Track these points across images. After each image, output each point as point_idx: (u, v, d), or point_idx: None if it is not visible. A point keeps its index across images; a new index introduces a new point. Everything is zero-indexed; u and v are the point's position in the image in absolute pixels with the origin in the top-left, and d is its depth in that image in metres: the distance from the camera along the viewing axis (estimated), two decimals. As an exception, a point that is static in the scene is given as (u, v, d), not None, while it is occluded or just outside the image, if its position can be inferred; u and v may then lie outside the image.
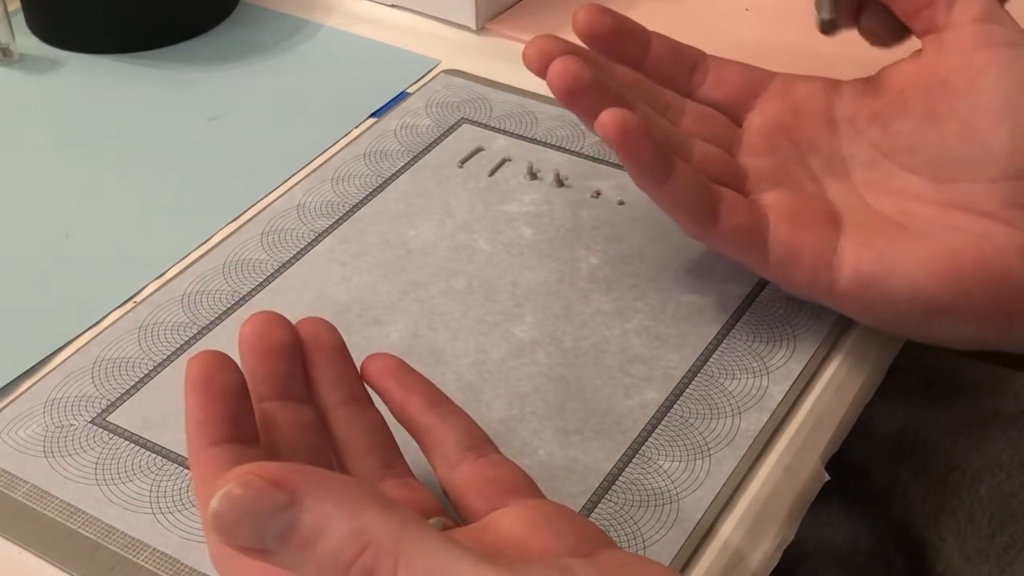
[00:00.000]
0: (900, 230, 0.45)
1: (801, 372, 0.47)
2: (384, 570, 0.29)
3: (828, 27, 0.49)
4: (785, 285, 0.47)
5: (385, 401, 0.41)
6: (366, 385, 0.41)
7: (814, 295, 0.47)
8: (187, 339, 0.49)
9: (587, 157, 0.58)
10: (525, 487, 0.38)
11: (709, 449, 0.44)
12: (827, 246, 0.45)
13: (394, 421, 0.41)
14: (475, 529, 0.36)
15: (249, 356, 0.40)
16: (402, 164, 0.58)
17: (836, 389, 0.47)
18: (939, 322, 0.44)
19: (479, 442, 0.40)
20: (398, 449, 0.41)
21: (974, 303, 0.43)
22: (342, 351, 0.41)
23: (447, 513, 0.39)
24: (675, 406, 0.46)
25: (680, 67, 0.50)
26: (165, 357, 0.48)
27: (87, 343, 0.49)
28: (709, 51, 0.52)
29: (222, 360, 0.38)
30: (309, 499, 0.29)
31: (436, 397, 0.40)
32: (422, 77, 0.65)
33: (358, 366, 0.42)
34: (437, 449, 0.39)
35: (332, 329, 0.42)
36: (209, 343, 0.49)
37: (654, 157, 0.44)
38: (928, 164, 0.46)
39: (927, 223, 0.45)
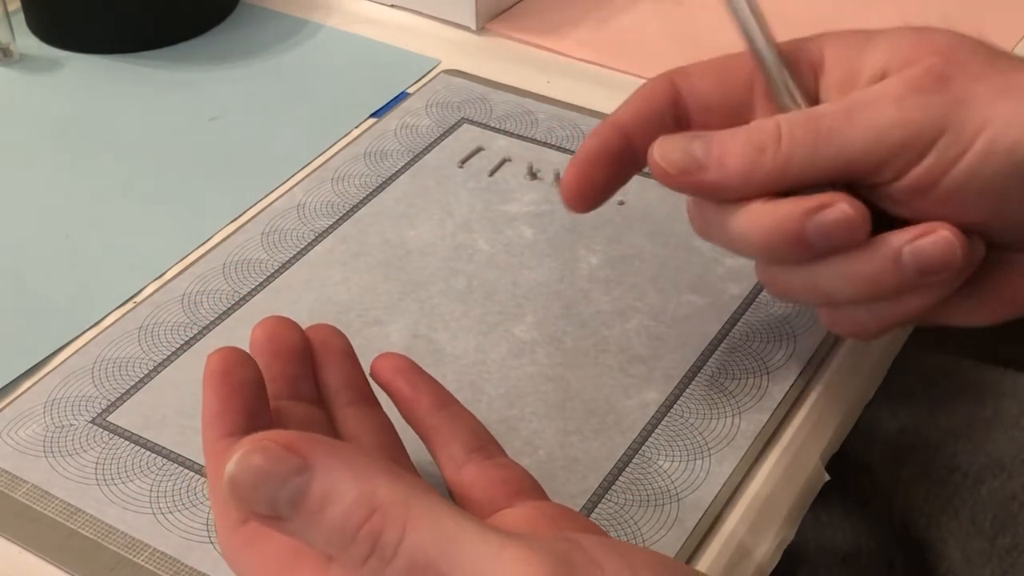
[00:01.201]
0: None
1: (801, 372, 0.47)
2: (391, 534, 0.29)
3: None
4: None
5: (394, 400, 0.41)
6: (375, 384, 0.41)
7: None
8: (187, 339, 0.49)
9: (587, 157, 0.58)
10: (530, 489, 0.38)
11: (709, 449, 0.44)
12: None
13: (399, 423, 0.41)
14: None
15: (260, 356, 0.40)
16: (402, 164, 0.58)
17: (836, 389, 0.47)
18: None
19: (486, 443, 0.40)
20: (404, 449, 0.41)
21: None
22: (350, 355, 0.42)
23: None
24: (675, 406, 0.46)
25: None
26: (165, 357, 0.48)
27: (87, 343, 0.49)
28: (708, 52, 0.51)
29: (241, 356, 0.38)
30: (320, 465, 0.29)
31: (445, 398, 0.40)
32: (422, 77, 0.65)
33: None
34: (444, 449, 0.39)
35: (340, 334, 0.42)
36: (209, 343, 0.49)
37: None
38: None
39: None
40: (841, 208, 0.38)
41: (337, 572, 0.32)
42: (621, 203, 0.55)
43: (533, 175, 0.57)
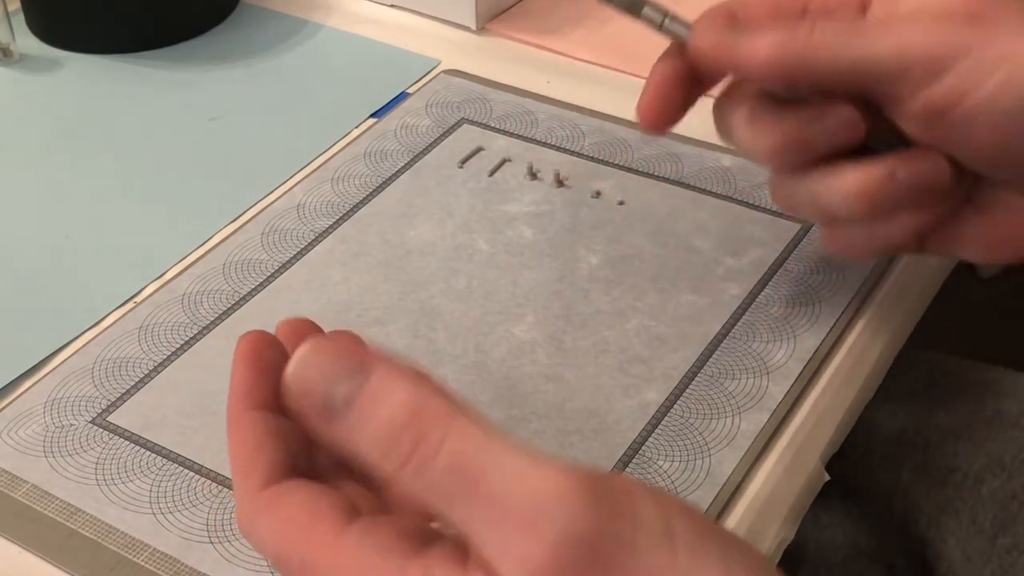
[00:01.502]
0: None
1: (801, 372, 0.47)
2: (434, 436, 0.30)
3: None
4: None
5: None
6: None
7: None
8: (187, 339, 0.49)
9: (587, 157, 0.58)
10: None
11: (709, 449, 0.44)
12: None
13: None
14: None
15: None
16: (402, 164, 0.58)
17: (836, 389, 0.47)
18: None
19: None
20: None
21: None
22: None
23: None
24: (675, 406, 0.46)
25: None
26: (165, 357, 0.48)
27: (87, 343, 0.49)
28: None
29: (270, 339, 0.38)
30: (376, 369, 0.31)
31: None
32: (422, 77, 0.65)
33: None
34: None
35: (356, 339, 0.42)
36: (209, 343, 0.49)
37: None
38: None
39: None
40: (841, 109, 0.41)
41: (355, 531, 0.32)
42: (621, 203, 0.55)
43: (533, 175, 0.57)
